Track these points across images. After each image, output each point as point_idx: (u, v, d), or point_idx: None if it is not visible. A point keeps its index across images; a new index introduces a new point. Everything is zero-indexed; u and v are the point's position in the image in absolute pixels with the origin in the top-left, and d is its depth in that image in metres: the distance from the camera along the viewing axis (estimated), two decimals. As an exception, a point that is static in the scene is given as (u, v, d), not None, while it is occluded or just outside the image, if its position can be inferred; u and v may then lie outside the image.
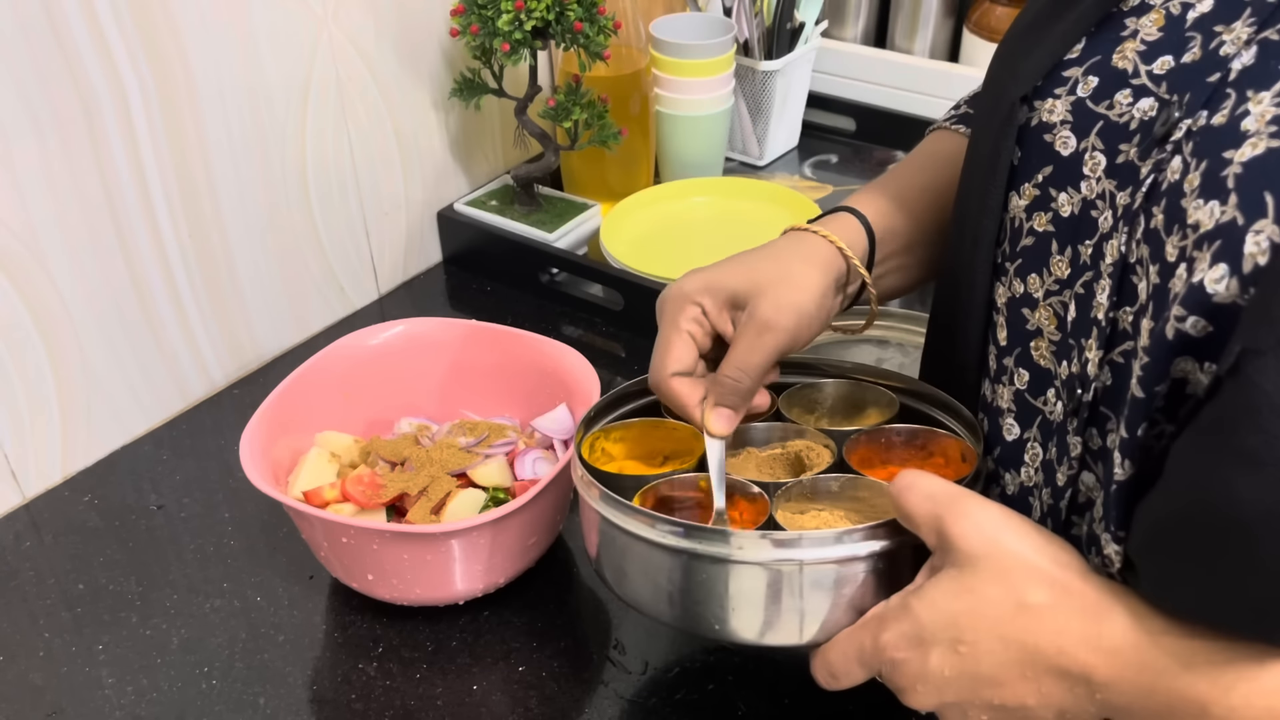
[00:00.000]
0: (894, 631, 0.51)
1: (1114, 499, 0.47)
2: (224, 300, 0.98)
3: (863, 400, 0.70)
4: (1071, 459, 0.52)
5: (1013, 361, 0.57)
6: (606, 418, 0.69)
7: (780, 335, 0.60)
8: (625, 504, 0.58)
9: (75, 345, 0.88)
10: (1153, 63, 0.49)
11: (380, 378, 0.87)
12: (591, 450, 0.66)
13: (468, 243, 1.16)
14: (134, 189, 0.88)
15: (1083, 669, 0.46)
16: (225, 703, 0.72)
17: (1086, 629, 0.46)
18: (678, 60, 1.17)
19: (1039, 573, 0.47)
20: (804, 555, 0.53)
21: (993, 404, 0.60)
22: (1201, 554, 0.42)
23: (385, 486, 0.77)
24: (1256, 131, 0.42)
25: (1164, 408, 0.44)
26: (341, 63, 1.00)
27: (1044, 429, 0.56)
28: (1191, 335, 0.42)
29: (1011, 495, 0.59)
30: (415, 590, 0.74)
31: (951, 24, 1.39)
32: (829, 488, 0.61)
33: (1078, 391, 0.51)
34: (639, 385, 0.68)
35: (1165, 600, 0.45)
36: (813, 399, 0.70)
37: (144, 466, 0.92)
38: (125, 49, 0.83)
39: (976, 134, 0.60)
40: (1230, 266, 0.41)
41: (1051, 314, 0.54)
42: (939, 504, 0.50)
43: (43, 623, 0.78)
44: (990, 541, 0.48)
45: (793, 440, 0.67)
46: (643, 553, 0.57)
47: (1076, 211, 0.52)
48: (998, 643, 0.47)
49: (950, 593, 0.49)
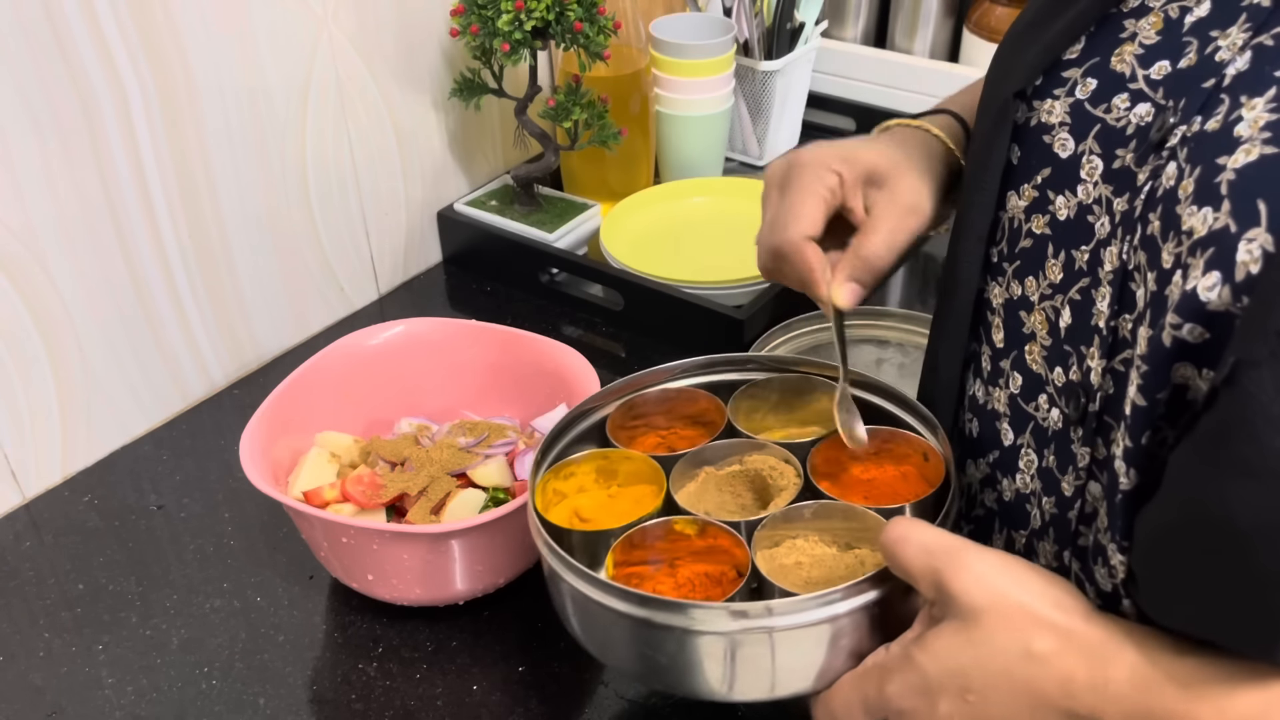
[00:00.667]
0: (899, 683, 0.50)
1: (1119, 508, 0.47)
2: (224, 300, 0.98)
3: (810, 393, 0.69)
4: (1079, 469, 0.52)
5: (1008, 364, 0.57)
6: (551, 457, 0.67)
7: (922, 219, 0.60)
8: (588, 573, 0.56)
9: (75, 345, 0.88)
10: (1150, 67, 0.49)
11: (380, 378, 0.87)
12: (544, 494, 0.65)
13: (467, 243, 1.16)
14: (134, 189, 0.88)
15: (1091, 712, 0.45)
16: (225, 703, 0.72)
17: (1093, 674, 0.45)
18: (678, 60, 1.17)
19: (1042, 620, 0.47)
20: (773, 623, 0.52)
21: (986, 406, 0.59)
22: (1198, 564, 0.42)
23: (385, 486, 0.77)
24: (1250, 137, 0.42)
25: (1166, 414, 0.44)
26: (341, 63, 1.00)
27: (1038, 435, 0.55)
28: (1189, 342, 0.42)
29: (1009, 501, 0.59)
30: (415, 590, 0.74)
31: (951, 24, 1.39)
32: (801, 515, 0.60)
33: (1082, 400, 0.51)
34: (577, 413, 0.68)
35: (1164, 613, 0.45)
36: (758, 396, 0.69)
37: (144, 466, 0.92)
38: (125, 49, 0.83)
39: (975, 130, 0.60)
40: (1223, 274, 0.40)
41: (1044, 319, 0.54)
42: (936, 557, 0.49)
43: (43, 623, 0.78)
44: (992, 593, 0.48)
45: (750, 455, 0.66)
46: (608, 620, 0.56)
47: (1073, 216, 0.52)
48: (1007, 691, 0.47)
49: (955, 645, 0.48)
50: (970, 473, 0.62)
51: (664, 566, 0.61)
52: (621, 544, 0.60)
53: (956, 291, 0.59)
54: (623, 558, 0.60)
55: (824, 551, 0.60)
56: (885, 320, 1.00)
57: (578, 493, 0.66)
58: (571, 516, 0.65)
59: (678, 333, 1.03)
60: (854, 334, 0.99)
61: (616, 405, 0.69)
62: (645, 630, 0.54)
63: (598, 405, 0.69)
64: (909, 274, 1.15)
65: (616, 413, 0.69)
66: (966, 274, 0.58)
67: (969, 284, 0.58)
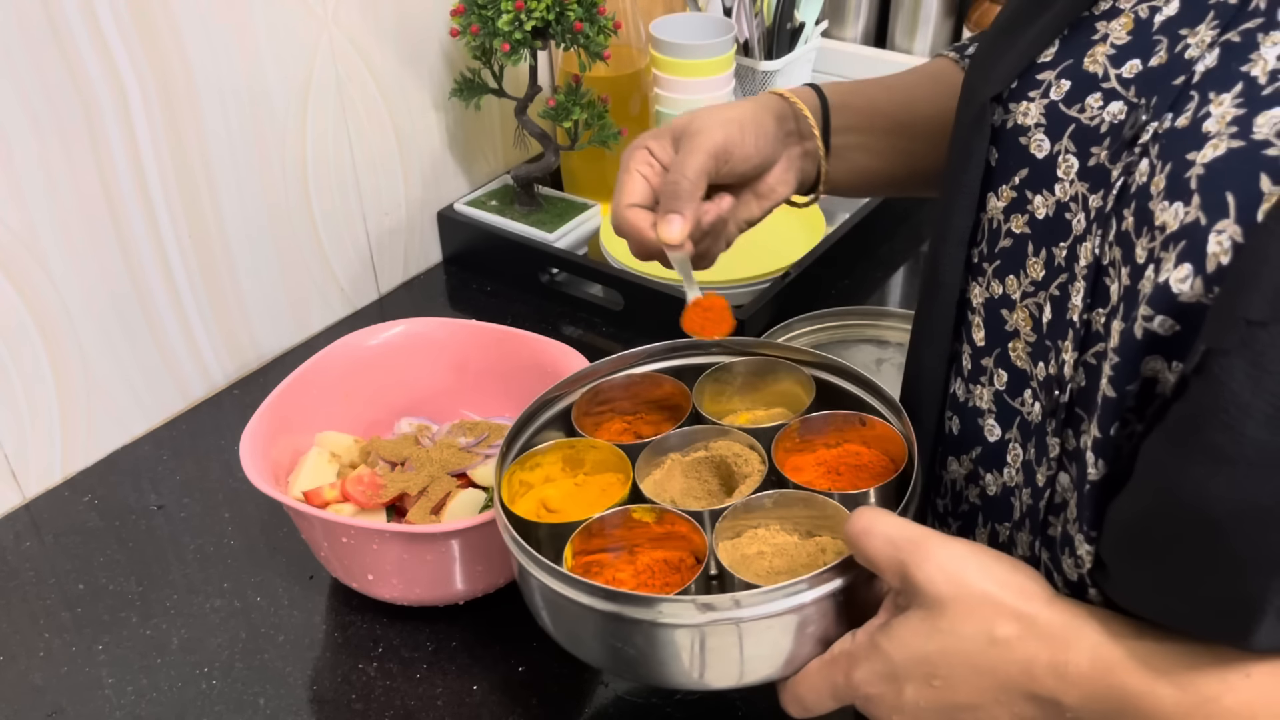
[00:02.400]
0: (865, 670, 0.52)
1: (1087, 498, 0.47)
2: (224, 300, 0.98)
3: (774, 374, 0.70)
4: (1050, 460, 0.53)
5: (992, 362, 0.58)
6: (516, 449, 0.68)
7: (710, 138, 0.66)
8: (554, 568, 0.56)
9: (75, 345, 0.88)
10: (1121, 66, 0.50)
11: (380, 378, 0.87)
12: (510, 485, 0.65)
13: (468, 243, 1.16)
14: (134, 189, 0.88)
15: (1052, 694, 0.47)
16: (225, 703, 0.72)
17: (1054, 657, 0.47)
18: (678, 60, 1.17)
19: (1005, 608, 0.48)
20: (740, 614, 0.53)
21: (968, 404, 0.60)
22: (1168, 552, 0.42)
23: (385, 486, 0.77)
24: (1218, 133, 0.42)
25: (1134, 407, 0.45)
26: (341, 63, 1.00)
27: (1023, 430, 0.56)
28: (1160, 334, 0.43)
29: (993, 495, 0.59)
30: (415, 590, 0.74)
31: (951, 24, 1.39)
32: (762, 504, 0.61)
33: (1055, 393, 0.52)
34: (541, 402, 0.68)
35: (1133, 602, 0.46)
36: (723, 379, 0.70)
37: (144, 466, 0.92)
38: (125, 49, 0.83)
39: (952, 134, 0.60)
40: (1194, 266, 0.41)
41: (1028, 315, 0.55)
42: (901, 549, 0.50)
43: (43, 623, 0.78)
44: (956, 582, 0.49)
45: (715, 441, 0.66)
46: (576, 613, 0.56)
47: (1051, 214, 0.53)
48: (971, 674, 0.48)
49: (920, 633, 0.49)
50: (953, 470, 0.62)
51: (623, 554, 0.61)
52: (580, 533, 0.60)
53: (938, 293, 0.60)
54: (581, 546, 0.60)
55: (785, 540, 0.60)
56: (885, 320, 1.00)
57: (544, 483, 0.67)
58: (539, 507, 0.65)
59: (678, 333, 1.02)
60: (854, 334, 0.99)
61: (581, 393, 0.70)
62: (613, 624, 0.55)
63: (562, 394, 0.70)
64: (909, 274, 1.16)
65: (581, 400, 0.69)
66: (949, 276, 0.59)
67: (951, 286, 0.59)
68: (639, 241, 0.67)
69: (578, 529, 0.60)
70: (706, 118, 0.67)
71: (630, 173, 0.68)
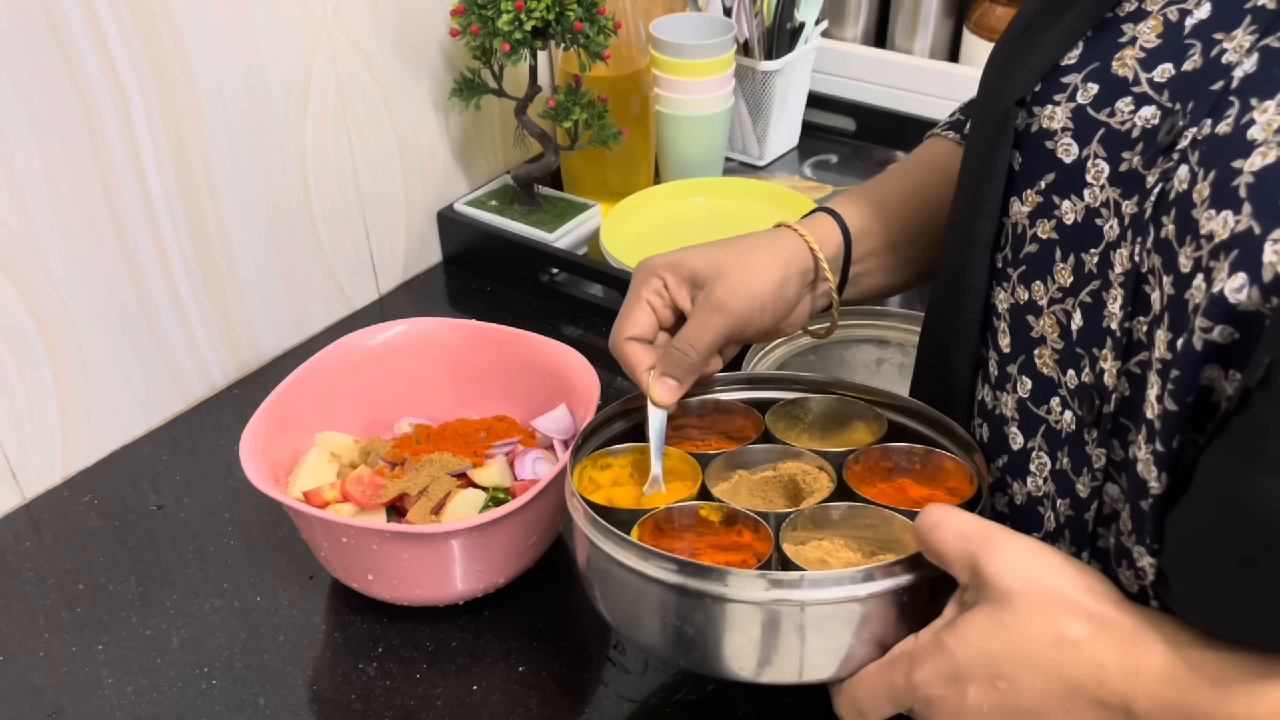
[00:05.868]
0: (928, 669, 0.50)
1: (1149, 513, 0.47)
2: (224, 300, 0.98)
3: (847, 415, 0.69)
4: (1095, 470, 0.52)
5: (1016, 369, 0.57)
6: (592, 444, 0.68)
7: (730, 318, 0.63)
8: (622, 536, 0.56)
9: (75, 345, 0.88)
10: (1153, 70, 0.49)
11: (380, 378, 0.87)
12: (580, 479, 0.65)
13: (468, 243, 1.16)
14: (134, 189, 0.88)
15: (1122, 700, 0.45)
16: (225, 703, 0.72)
17: (1125, 661, 0.45)
18: (678, 60, 1.17)
19: (1075, 606, 0.47)
20: (805, 596, 0.52)
21: (995, 411, 0.59)
22: (1234, 565, 0.42)
23: (385, 486, 0.77)
24: (1265, 140, 0.42)
25: (1191, 417, 0.44)
26: (341, 63, 1.00)
27: (1050, 438, 0.55)
28: (1219, 344, 0.42)
29: (1020, 505, 0.59)
30: (415, 590, 0.74)
31: (951, 24, 1.39)
32: (829, 516, 0.60)
33: (1097, 403, 0.51)
34: (620, 408, 0.68)
35: (1198, 614, 0.45)
36: (795, 415, 0.70)
37: (144, 466, 0.92)
38: (125, 49, 0.83)
39: (972, 138, 0.60)
40: (1249, 275, 0.41)
41: (1055, 322, 0.54)
42: (971, 542, 0.50)
43: (43, 623, 0.78)
44: (1026, 578, 0.48)
45: (786, 462, 0.66)
46: (638, 587, 0.56)
47: (1080, 219, 0.52)
48: (1039, 678, 0.47)
49: (987, 630, 0.48)
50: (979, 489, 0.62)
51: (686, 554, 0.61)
52: (646, 522, 0.60)
53: (965, 299, 0.59)
54: (647, 540, 0.60)
55: (849, 556, 0.59)
56: (885, 320, 1.00)
57: (612, 485, 0.66)
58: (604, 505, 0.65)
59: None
60: (854, 334, 0.99)
61: None
62: (677, 597, 0.54)
63: (637, 407, 0.69)
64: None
65: None
66: (976, 282, 0.58)
67: (978, 292, 0.59)
68: (631, 376, 0.66)
69: (645, 516, 0.60)
70: (731, 285, 0.64)
71: (639, 301, 0.66)
